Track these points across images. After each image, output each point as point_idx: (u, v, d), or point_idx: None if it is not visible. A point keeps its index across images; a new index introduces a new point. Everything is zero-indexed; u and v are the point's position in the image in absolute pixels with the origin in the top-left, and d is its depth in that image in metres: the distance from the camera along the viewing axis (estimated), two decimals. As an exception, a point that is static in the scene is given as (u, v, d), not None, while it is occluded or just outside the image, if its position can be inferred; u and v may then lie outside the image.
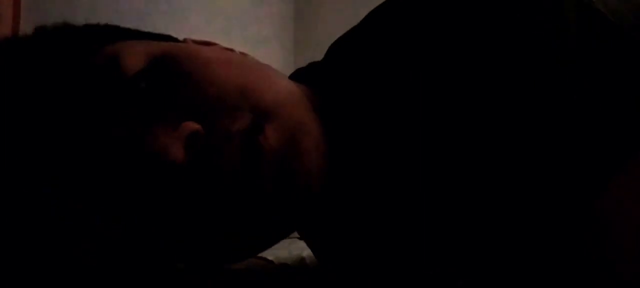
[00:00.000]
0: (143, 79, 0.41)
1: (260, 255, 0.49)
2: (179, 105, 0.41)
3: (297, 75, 0.51)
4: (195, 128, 0.39)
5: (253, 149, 0.40)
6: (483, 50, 0.39)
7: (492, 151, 0.38)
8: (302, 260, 0.62)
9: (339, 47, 0.49)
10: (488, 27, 0.39)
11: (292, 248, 0.81)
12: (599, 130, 0.36)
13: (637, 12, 0.43)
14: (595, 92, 0.37)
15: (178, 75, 0.42)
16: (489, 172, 0.38)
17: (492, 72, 0.38)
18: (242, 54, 0.50)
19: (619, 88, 0.37)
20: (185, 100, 0.41)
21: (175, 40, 0.50)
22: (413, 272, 0.44)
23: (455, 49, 0.39)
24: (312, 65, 0.52)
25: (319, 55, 0.51)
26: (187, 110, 0.40)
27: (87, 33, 0.46)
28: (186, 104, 0.41)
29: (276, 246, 0.47)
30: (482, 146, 0.38)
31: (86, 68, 0.42)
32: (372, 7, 0.47)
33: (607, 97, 0.37)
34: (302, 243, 0.57)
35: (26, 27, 1.72)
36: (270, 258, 0.64)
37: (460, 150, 0.38)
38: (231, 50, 0.49)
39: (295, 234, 0.51)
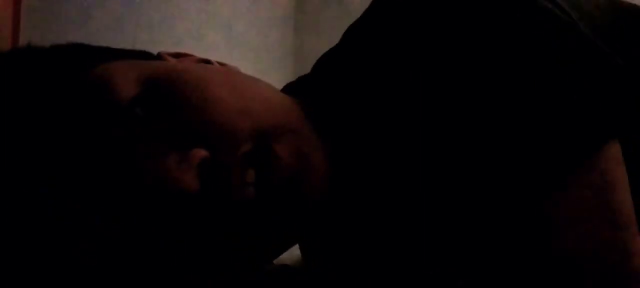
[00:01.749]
0: (138, 104, 0.41)
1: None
2: (179, 131, 0.40)
3: (288, 89, 0.52)
4: (204, 155, 0.39)
5: (265, 170, 0.40)
6: (464, 59, 0.39)
7: (475, 151, 0.38)
8: (302, 260, 0.62)
9: (325, 62, 0.49)
10: (472, 38, 0.39)
11: (292, 248, 0.81)
12: (563, 129, 0.37)
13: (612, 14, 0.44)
14: (562, 96, 0.38)
15: (173, 99, 0.41)
16: (474, 170, 0.38)
17: (474, 78, 0.39)
18: (220, 63, 0.50)
19: (579, 94, 0.38)
20: (185, 126, 0.41)
21: (151, 55, 0.50)
22: (413, 272, 0.44)
23: (440, 54, 0.40)
24: (301, 79, 0.52)
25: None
26: (190, 136, 0.40)
27: (62, 56, 0.45)
28: (186, 129, 0.41)
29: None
30: (465, 145, 0.38)
31: (75, 94, 0.41)
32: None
33: (572, 102, 0.37)
34: (302, 244, 0.57)
35: (26, 35, 1.72)
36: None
37: (450, 150, 0.39)
38: (209, 61, 0.50)
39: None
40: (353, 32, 0.48)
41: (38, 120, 0.41)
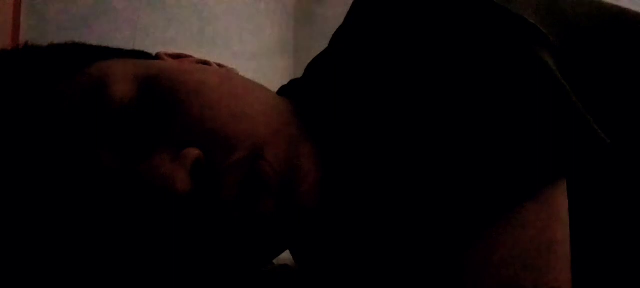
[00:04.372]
0: (135, 103, 0.41)
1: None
2: (174, 131, 0.40)
3: (281, 92, 0.52)
4: (198, 154, 0.39)
5: (255, 176, 0.40)
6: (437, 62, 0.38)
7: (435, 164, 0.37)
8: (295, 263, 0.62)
9: (315, 66, 0.50)
10: (442, 55, 0.39)
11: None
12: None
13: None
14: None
15: (170, 100, 0.41)
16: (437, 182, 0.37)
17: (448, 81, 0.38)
18: (219, 65, 0.50)
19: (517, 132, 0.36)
20: (181, 126, 0.41)
21: (149, 55, 0.50)
22: (411, 275, 0.44)
23: (410, 61, 0.39)
24: (294, 82, 0.53)
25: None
26: (183, 136, 0.40)
27: (60, 54, 0.45)
28: (182, 130, 0.40)
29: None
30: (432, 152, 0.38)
31: (69, 92, 0.41)
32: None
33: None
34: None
35: (26, 35, 1.72)
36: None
37: (428, 150, 0.38)
38: (207, 63, 0.50)
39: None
40: (337, 36, 0.48)
41: (35, 119, 0.41)
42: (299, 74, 0.53)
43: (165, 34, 2.15)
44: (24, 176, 0.40)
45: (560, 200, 0.37)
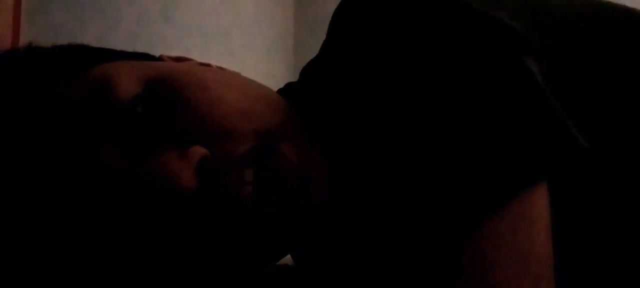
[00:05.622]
0: (140, 103, 0.41)
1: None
2: (180, 130, 0.41)
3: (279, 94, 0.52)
4: (204, 153, 0.39)
5: (270, 168, 0.40)
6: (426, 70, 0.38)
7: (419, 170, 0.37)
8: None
9: (309, 71, 0.50)
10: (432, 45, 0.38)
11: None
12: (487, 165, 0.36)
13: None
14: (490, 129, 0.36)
15: (174, 99, 0.42)
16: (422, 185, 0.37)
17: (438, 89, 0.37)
18: (220, 68, 0.50)
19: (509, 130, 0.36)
20: (186, 125, 0.41)
21: (151, 57, 0.50)
22: (410, 274, 0.44)
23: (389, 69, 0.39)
24: (289, 85, 0.53)
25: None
26: (189, 135, 0.40)
27: (64, 55, 0.46)
28: (187, 128, 0.41)
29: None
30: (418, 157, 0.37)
31: (74, 92, 0.41)
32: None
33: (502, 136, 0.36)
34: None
35: (26, 33, 1.72)
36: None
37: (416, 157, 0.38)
38: (208, 65, 0.50)
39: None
40: (325, 43, 0.48)
41: (39, 119, 0.41)
42: (298, 74, 0.53)
43: (164, 33, 2.16)
44: (26, 176, 0.40)
45: (540, 204, 0.37)
